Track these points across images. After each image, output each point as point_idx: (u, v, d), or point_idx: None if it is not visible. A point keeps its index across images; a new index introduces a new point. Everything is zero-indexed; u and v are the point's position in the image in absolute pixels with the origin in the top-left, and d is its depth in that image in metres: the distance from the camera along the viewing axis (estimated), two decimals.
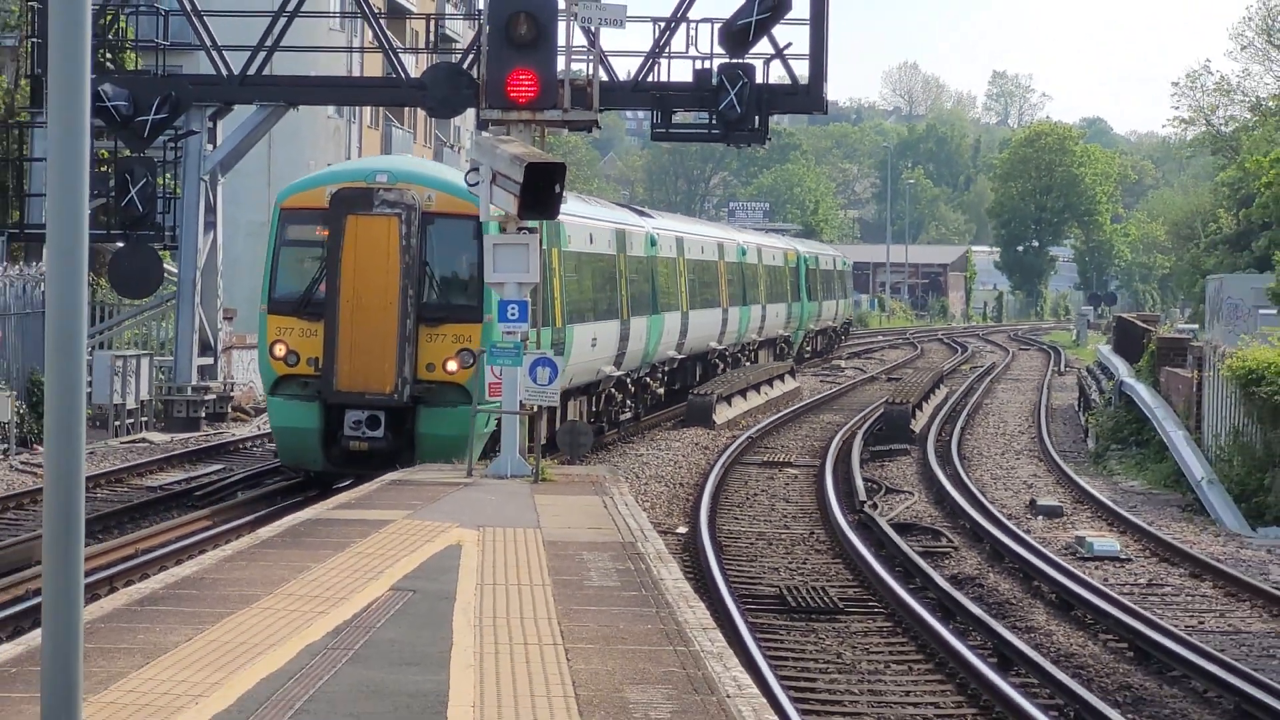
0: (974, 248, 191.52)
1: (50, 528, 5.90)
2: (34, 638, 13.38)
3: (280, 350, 31.19)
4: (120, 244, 43.89)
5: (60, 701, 5.77)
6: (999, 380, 76.16)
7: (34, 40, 44.31)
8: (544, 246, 29.64)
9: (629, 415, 46.32)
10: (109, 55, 45.57)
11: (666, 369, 51.09)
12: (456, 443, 29.45)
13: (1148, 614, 23.57)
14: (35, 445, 37.94)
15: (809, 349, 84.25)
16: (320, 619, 14.31)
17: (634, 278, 44.67)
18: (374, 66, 59.83)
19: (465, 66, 39.57)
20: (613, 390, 43.29)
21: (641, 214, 52.11)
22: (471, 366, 30.59)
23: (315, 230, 31.47)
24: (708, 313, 55.87)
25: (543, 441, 29.44)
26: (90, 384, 40.20)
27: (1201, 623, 24.14)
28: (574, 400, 38.95)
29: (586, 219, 40.42)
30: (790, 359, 73.80)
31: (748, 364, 64.47)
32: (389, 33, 44.66)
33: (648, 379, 48.16)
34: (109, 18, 45.16)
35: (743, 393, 54.97)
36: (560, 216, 29.82)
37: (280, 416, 31.41)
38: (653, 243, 47.64)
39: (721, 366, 59.82)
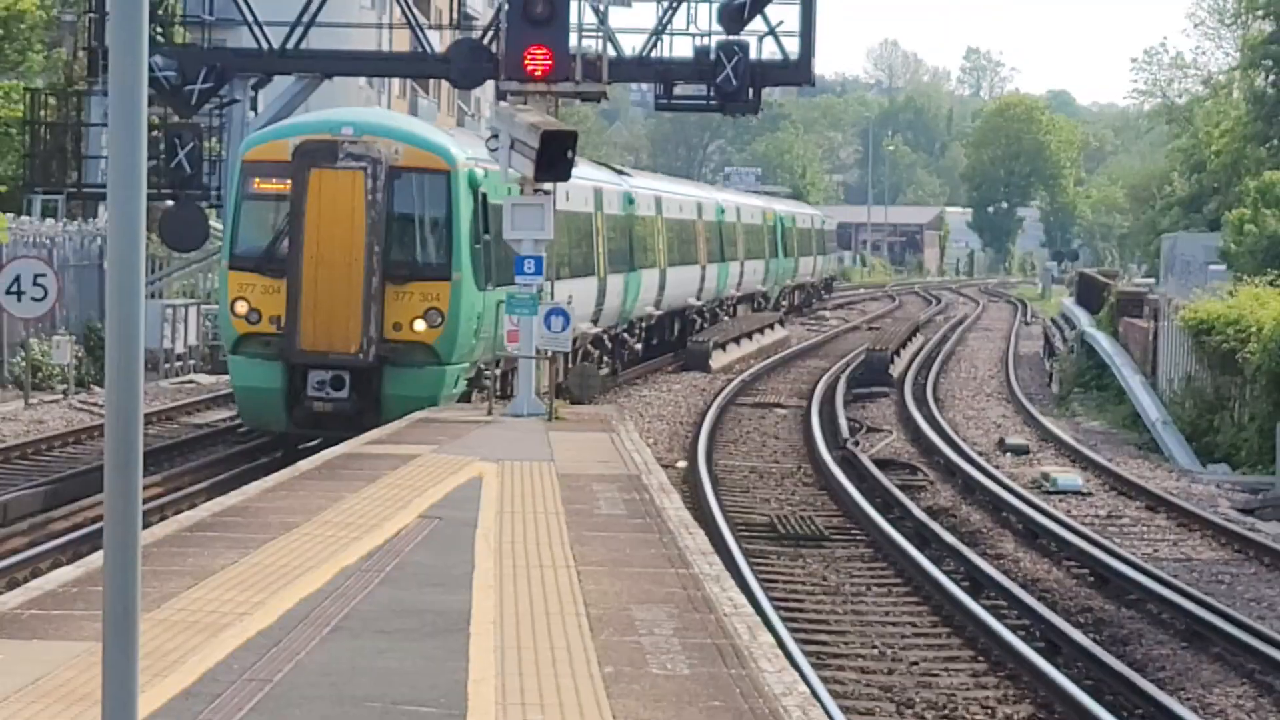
0: (948, 209, 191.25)
1: (111, 460, 5.88)
2: (92, 561, 13.41)
3: (242, 308, 27.66)
4: (170, 202, 43.83)
5: (120, 618, 5.76)
6: (971, 330, 76.06)
7: (91, 15, 44.20)
8: None
9: (606, 371, 43.68)
10: (159, 30, 45.34)
11: (645, 325, 48.33)
12: (424, 404, 27.09)
13: (1107, 543, 23.59)
14: (92, 386, 37.93)
15: (785, 304, 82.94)
16: (354, 544, 14.31)
17: (611, 235, 42.06)
18: (402, 42, 59.68)
19: (486, 42, 39.42)
20: (589, 347, 40.73)
21: (620, 173, 49.25)
22: (440, 326, 27.44)
23: (273, 184, 27.88)
24: (686, 270, 53.09)
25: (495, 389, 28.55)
26: None
27: (1156, 551, 24.16)
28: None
29: None
30: (772, 311, 72.51)
31: (726, 319, 61.86)
32: (415, 10, 44.51)
33: (625, 335, 45.74)
34: None
35: (736, 340, 54.89)
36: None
37: (242, 376, 28.07)
38: (630, 201, 45.10)
39: (700, 322, 57.03)
